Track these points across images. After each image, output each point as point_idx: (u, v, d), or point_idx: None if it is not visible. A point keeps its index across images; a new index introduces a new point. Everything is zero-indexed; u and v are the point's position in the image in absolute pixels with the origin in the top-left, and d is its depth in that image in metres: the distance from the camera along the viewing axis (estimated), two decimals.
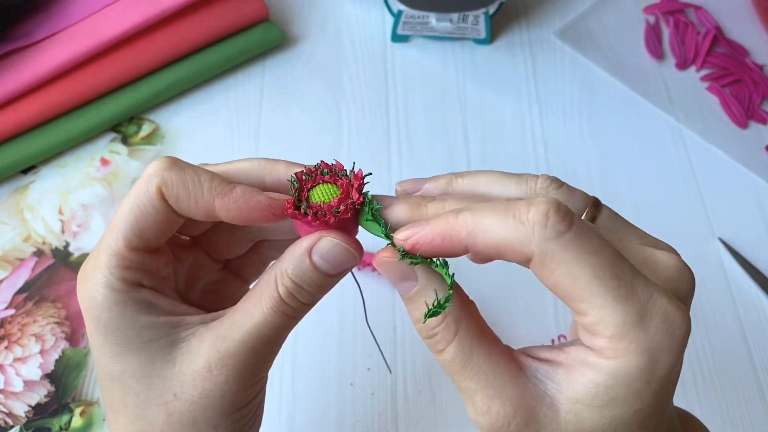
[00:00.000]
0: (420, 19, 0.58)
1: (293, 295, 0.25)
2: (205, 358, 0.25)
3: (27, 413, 0.44)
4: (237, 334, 0.25)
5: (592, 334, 0.22)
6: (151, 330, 0.26)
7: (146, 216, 0.26)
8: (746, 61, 0.61)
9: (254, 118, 0.57)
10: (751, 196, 0.54)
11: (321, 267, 0.25)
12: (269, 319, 0.26)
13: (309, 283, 0.25)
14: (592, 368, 0.22)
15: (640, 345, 0.21)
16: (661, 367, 0.22)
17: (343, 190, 0.26)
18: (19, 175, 0.53)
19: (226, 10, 0.56)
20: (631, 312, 0.21)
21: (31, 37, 0.53)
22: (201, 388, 0.25)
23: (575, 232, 0.22)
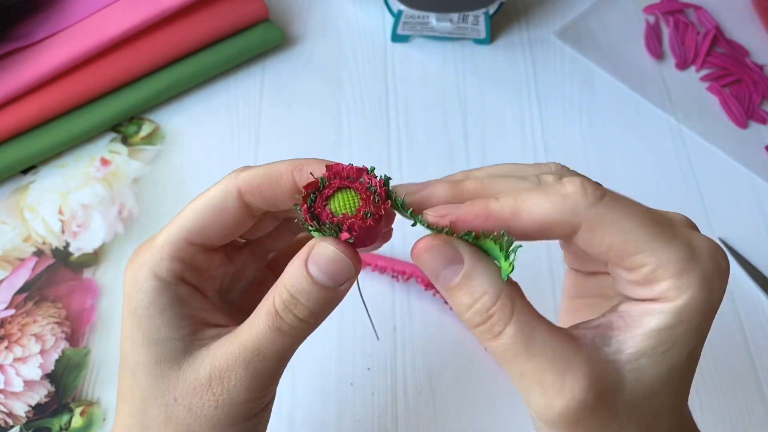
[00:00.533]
0: (420, 19, 0.58)
1: (289, 310, 0.25)
2: (208, 369, 0.25)
3: (27, 413, 0.44)
4: (234, 347, 0.25)
5: (651, 282, 0.23)
6: (171, 328, 0.26)
7: (217, 215, 0.26)
8: (746, 61, 0.61)
9: (254, 117, 0.57)
10: (751, 196, 0.54)
11: (317, 278, 0.24)
12: (264, 335, 0.25)
13: (305, 296, 0.24)
14: (655, 316, 0.23)
15: (698, 277, 0.23)
16: (716, 296, 0.23)
17: (363, 197, 0.24)
18: (19, 175, 0.53)
19: (226, 10, 0.56)
20: (684, 249, 0.23)
21: (31, 37, 0.53)
22: (199, 399, 0.25)
23: (610, 194, 0.24)
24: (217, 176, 0.54)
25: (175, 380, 0.26)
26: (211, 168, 0.54)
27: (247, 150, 0.55)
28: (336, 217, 0.24)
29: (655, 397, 0.24)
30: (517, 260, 0.24)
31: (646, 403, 0.23)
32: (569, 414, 0.23)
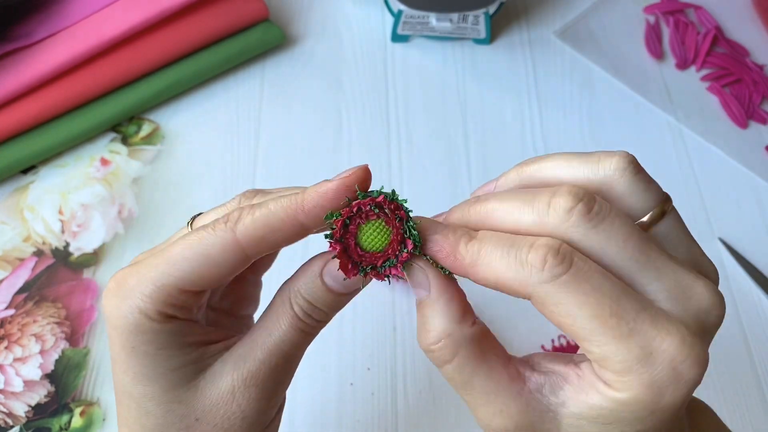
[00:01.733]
0: (420, 19, 0.58)
1: (308, 314, 0.26)
2: (229, 381, 0.26)
3: (27, 413, 0.44)
4: (258, 353, 0.26)
5: (599, 366, 0.23)
6: (178, 359, 0.26)
7: (213, 267, 0.25)
8: (746, 61, 0.61)
9: (254, 117, 0.57)
10: (751, 195, 0.54)
11: (333, 288, 0.26)
12: (288, 336, 0.26)
13: (322, 302, 0.26)
14: (599, 394, 0.23)
15: (644, 381, 0.22)
16: (667, 401, 0.22)
17: (394, 233, 0.24)
18: (19, 175, 0.53)
19: (226, 10, 0.56)
20: (634, 349, 0.22)
21: (31, 37, 0.53)
22: (224, 411, 0.26)
23: (572, 273, 0.22)
24: (217, 176, 0.55)
25: (193, 401, 0.26)
26: (211, 168, 0.54)
27: (246, 150, 0.55)
28: (366, 253, 0.25)
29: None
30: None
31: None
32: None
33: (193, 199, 0.52)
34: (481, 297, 0.48)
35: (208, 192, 0.53)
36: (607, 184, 0.25)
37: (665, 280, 0.23)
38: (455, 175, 0.54)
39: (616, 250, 0.23)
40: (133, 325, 0.25)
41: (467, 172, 0.54)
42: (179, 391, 0.25)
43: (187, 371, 0.26)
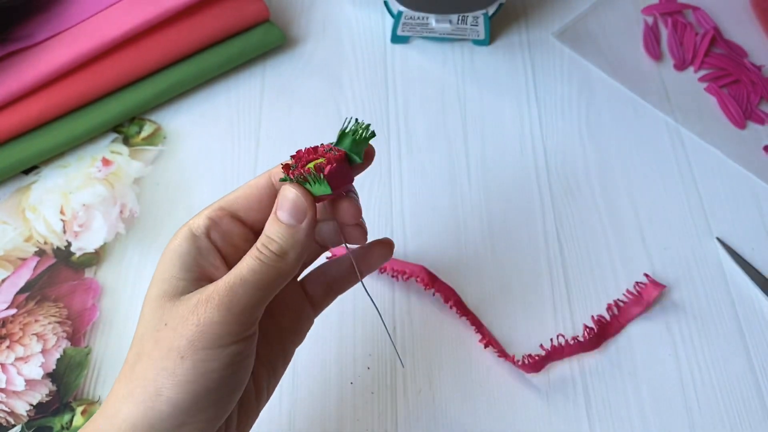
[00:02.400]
0: (420, 21, 0.58)
1: (265, 246, 0.29)
2: (197, 297, 0.29)
3: (28, 412, 0.44)
4: (222, 279, 0.29)
5: None
6: (181, 269, 0.30)
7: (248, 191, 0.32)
8: (744, 61, 0.61)
9: (255, 118, 0.57)
10: (749, 196, 0.54)
11: (281, 218, 0.29)
12: (246, 264, 0.29)
13: (275, 233, 0.29)
14: None
15: None
16: None
17: (327, 158, 0.30)
18: (21, 175, 0.54)
19: (227, 11, 0.57)
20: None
21: (32, 38, 0.54)
22: (185, 320, 0.28)
23: None
24: (218, 176, 0.55)
25: (169, 309, 0.29)
26: (212, 168, 0.54)
27: (247, 150, 0.55)
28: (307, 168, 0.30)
29: None
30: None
31: None
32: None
33: (194, 199, 0.53)
34: (480, 299, 0.49)
35: (209, 192, 0.53)
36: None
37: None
38: (455, 175, 0.54)
39: None
40: (176, 235, 0.31)
41: (467, 172, 0.54)
42: (165, 299, 0.29)
43: (180, 284, 0.30)
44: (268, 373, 0.34)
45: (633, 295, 0.48)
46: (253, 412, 0.34)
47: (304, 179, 0.29)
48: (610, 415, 0.45)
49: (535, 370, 0.45)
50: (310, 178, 0.29)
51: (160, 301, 0.29)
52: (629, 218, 0.53)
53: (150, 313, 0.30)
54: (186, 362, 0.28)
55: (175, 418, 0.28)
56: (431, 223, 0.52)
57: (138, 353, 0.29)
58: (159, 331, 0.29)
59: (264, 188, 0.32)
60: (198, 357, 0.28)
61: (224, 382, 0.28)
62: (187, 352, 0.28)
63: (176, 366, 0.28)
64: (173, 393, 0.27)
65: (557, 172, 0.55)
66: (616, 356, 0.47)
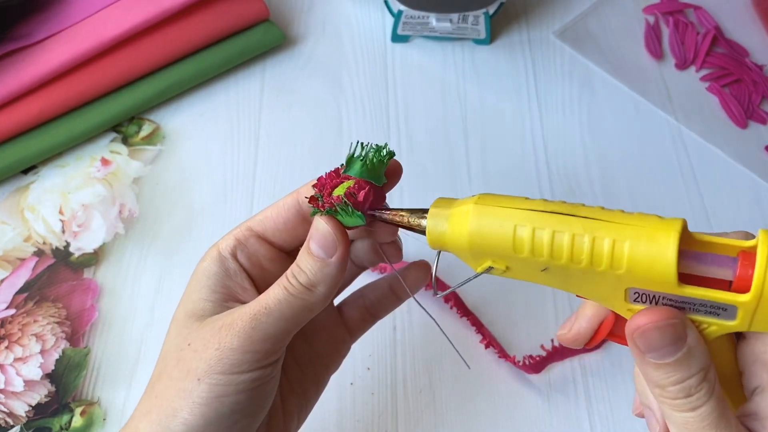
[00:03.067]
0: (420, 20, 0.58)
1: (294, 276, 0.29)
2: (221, 321, 0.29)
3: (27, 413, 0.44)
4: (248, 306, 0.29)
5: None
6: (208, 291, 0.30)
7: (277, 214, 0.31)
8: (746, 61, 0.61)
9: (254, 117, 0.57)
10: (751, 195, 0.54)
11: (312, 250, 0.29)
12: (273, 293, 0.29)
13: (305, 265, 0.29)
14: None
15: None
16: None
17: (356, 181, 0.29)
18: (20, 175, 0.53)
19: (226, 10, 0.56)
20: None
21: (31, 37, 0.53)
22: (206, 343, 0.28)
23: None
24: (217, 176, 0.55)
25: (194, 331, 0.29)
26: (211, 168, 0.54)
27: (247, 150, 0.55)
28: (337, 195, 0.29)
29: None
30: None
31: None
32: None
33: (194, 199, 0.53)
34: (481, 298, 0.49)
35: (209, 192, 0.53)
36: None
37: None
38: (455, 175, 0.54)
39: None
40: (205, 257, 0.31)
41: (467, 172, 0.54)
42: (191, 320, 0.29)
43: (207, 306, 0.30)
44: (299, 400, 0.34)
45: None
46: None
47: (335, 210, 0.28)
48: (611, 416, 0.44)
49: (536, 370, 0.45)
50: (341, 209, 0.28)
51: (186, 321, 0.29)
52: None
53: (175, 332, 0.30)
54: (202, 385, 0.27)
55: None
56: None
57: (160, 372, 0.29)
58: (182, 350, 0.29)
59: (292, 209, 0.31)
60: (214, 381, 0.27)
61: (238, 408, 0.28)
62: (204, 375, 0.27)
63: (193, 388, 0.28)
64: (189, 415, 0.27)
65: (558, 171, 0.54)
66: (617, 356, 0.46)
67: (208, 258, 0.31)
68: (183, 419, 0.27)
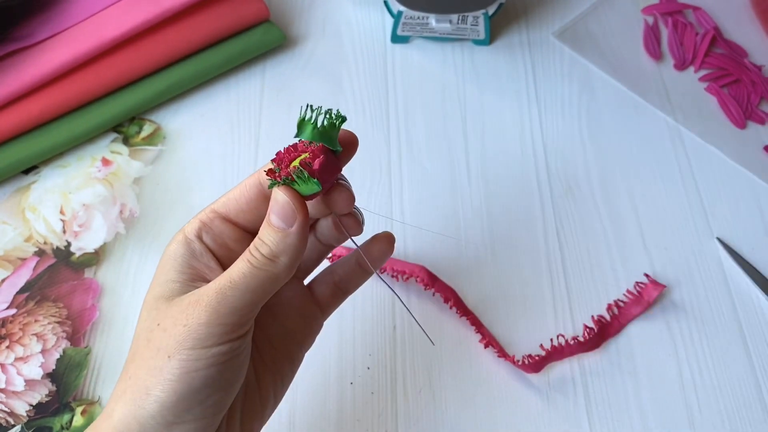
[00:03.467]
0: (420, 20, 0.58)
1: (257, 248, 0.29)
2: (189, 298, 0.29)
3: (28, 412, 0.44)
4: (214, 281, 0.29)
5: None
6: (175, 272, 0.31)
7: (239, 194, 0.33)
8: (745, 61, 0.61)
9: (255, 118, 0.57)
10: (750, 196, 0.54)
11: (272, 221, 0.29)
12: (237, 267, 0.29)
13: (266, 237, 0.29)
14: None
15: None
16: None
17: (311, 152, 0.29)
18: (21, 175, 0.53)
19: (226, 10, 0.57)
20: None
21: (32, 37, 0.54)
22: (175, 321, 0.29)
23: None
24: (218, 176, 0.55)
25: (163, 311, 0.29)
26: (212, 168, 0.54)
27: (247, 150, 0.55)
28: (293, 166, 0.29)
29: None
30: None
31: None
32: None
33: (194, 199, 0.53)
34: (481, 298, 0.49)
35: (209, 192, 0.53)
36: None
37: None
38: (455, 175, 0.54)
39: None
40: (172, 241, 0.32)
41: (467, 172, 0.54)
42: (160, 301, 0.30)
43: (175, 287, 0.30)
44: (274, 379, 0.34)
45: (633, 295, 0.48)
46: (259, 418, 0.33)
47: (292, 180, 0.29)
48: (610, 415, 0.45)
49: (535, 370, 0.45)
50: (297, 178, 0.29)
51: (156, 302, 0.30)
52: (629, 218, 0.53)
53: (146, 314, 0.30)
54: (172, 361, 0.28)
55: (162, 417, 0.28)
56: (431, 223, 0.52)
57: (133, 354, 0.30)
58: (152, 331, 0.29)
59: (253, 188, 0.32)
60: (183, 357, 0.28)
61: (209, 382, 0.28)
62: (174, 352, 0.28)
63: (164, 365, 0.28)
64: (160, 392, 0.28)
65: (557, 171, 0.55)
66: (617, 356, 0.47)
67: (175, 242, 0.31)
68: (156, 397, 0.28)
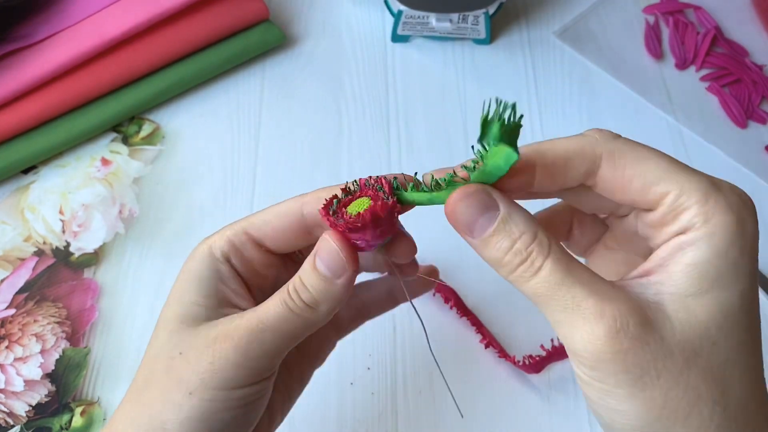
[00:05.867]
0: (420, 20, 0.58)
1: (297, 292, 0.27)
2: (217, 331, 0.27)
3: (27, 413, 0.44)
4: (246, 317, 0.27)
5: (676, 213, 0.23)
6: (200, 295, 0.28)
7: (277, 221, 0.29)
8: (746, 61, 0.61)
9: (254, 117, 0.57)
10: (751, 195, 0.54)
11: (318, 268, 0.27)
12: (273, 309, 0.27)
13: (310, 282, 0.27)
14: (687, 250, 0.23)
15: (723, 204, 0.23)
16: (748, 229, 0.23)
17: (373, 197, 0.26)
18: (20, 175, 0.53)
19: (226, 10, 0.56)
20: (704, 180, 0.24)
21: (31, 37, 0.53)
22: (199, 354, 0.27)
23: (625, 137, 0.25)
24: (217, 176, 0.55)
25: (187, 337, 0.27)
26: (211, 168, 0.54)
27: (247, 150, 0.55)
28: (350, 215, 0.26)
29: (716, 346, 0.22)
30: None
31: (705, 349, 0.22)
32: (613, 342, 0.22)
33: (194, 199, 0.53)
34: (481, 298, 0.49)
35: (209, 192, 0.53)
36: None
37: None
38: None
39: None
40: (196, 257, 0.29)
41: None
42: (183, 325, 0.28)
43: (200, 311, 0.28)
44: (283, 398, 0.33)
45: None
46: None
47: (353, 227, 0.26)
48: None
49: (536, 370, 0.45)
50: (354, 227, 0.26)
51: (177, 324, 0.28)
52: None
53: (165, 336, 0.28)
54: (194, 400, 0.26)
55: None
56: (431, 222, 0.52)
57: (148, 378, 0.28)
58: (173, 359, 0.27)
59: (294, 216, 0.29)
60: (206, 396, 0.26)
61: (230, 423, 0.27)
62: (197, 389, 0.26)
63: (183, 401, 0.26)
64: (177, 428, 0.26)
65: None
66: None
67: (199, 257, 0.29)
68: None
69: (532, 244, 0.24)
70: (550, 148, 0.25)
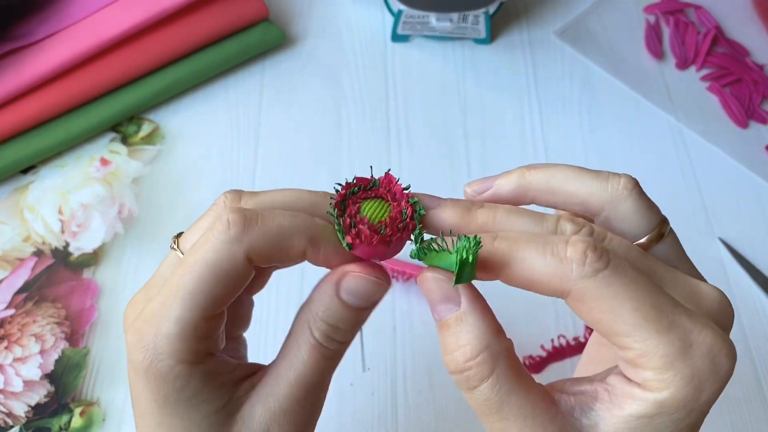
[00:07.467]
0: (420, 19, 0.58)
1: (330, 337, 0.25)
2: (261, 421, 0.25)
3: (27, 413, 0.44)
4: (285, 388, 0.25)
5: (636, 366, 0.22)
6: (211, 404, 0.25)
7: (228, 284, 0.24)
8: (746, 60, 0.61)
9: (254, 117, 0.57)
10: (752, 195, 0.54)
11: (352, 303, 0.25)
12: (311, 365, 0.25)
13: (342, 321, 0.25)
14: (635, 401, 0.22)
15: (685, 375, 0.21)
16: (705, 396, 0.22)
17: (394, 206, 0.25)
18: (19, 175, 0.53)
19: (226, 9, 0.56)
20: (675, 342, 0.21)
21: (30, 36, 0.53)
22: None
23: (612, 268, 0.22)
24: (217, 176, 0.55)
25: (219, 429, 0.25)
26: (211, 167, 0.54)
27: (246, 149, 0.55)
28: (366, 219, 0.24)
29: None
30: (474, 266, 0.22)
31: None
32: None
33: (193, 199, 0.52)
34: None
35: (208, 191, 0.53)
36: (613, 203, 0.25)
37: (675, 287, 0.23)
38: (455, 174, 0.54)
39: None
40: (163, 373, 0.24)
41: (467, 171, 0.54)
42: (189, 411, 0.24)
43: (220, 416, 0.25)
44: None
45: None
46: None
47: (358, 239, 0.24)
48: None
49: (536, 371, 0.45)
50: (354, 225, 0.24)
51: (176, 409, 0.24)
52: None
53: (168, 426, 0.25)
54: None
55: None
56: None
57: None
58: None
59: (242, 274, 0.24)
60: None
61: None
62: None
63: None
64: None
65: None
66: None
67: (175, 376, 0.24)
68: None
69: (472, 361, 0.23)
70: (518, 265, 0.23)
